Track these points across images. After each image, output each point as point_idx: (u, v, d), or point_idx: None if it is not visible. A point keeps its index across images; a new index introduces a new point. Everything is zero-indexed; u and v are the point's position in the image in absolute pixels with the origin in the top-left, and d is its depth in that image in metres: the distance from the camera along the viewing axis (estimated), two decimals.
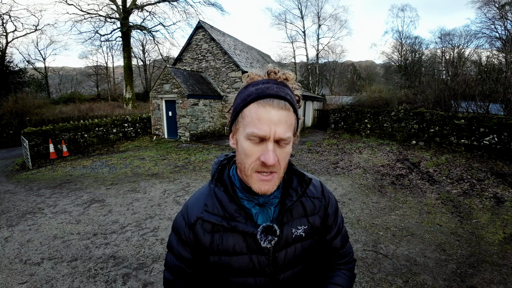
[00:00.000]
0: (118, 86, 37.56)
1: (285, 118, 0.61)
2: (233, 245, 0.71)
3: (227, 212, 0.71)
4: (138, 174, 6.73)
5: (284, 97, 0.62)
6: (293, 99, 0.65)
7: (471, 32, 26.03)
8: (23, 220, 4.15)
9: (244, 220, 0.70)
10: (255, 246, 0.71)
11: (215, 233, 0.72)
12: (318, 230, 0.79)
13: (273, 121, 0.60)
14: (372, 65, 42.76)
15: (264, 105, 0.61)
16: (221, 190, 0.73)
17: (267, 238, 0.68)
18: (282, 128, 0.60)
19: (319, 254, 0.84)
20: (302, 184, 0.77)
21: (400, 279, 2.71)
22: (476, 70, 15.98)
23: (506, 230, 3.70)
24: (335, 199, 0.87)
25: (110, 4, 21.19)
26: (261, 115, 0.60)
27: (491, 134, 7.19)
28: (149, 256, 3.12)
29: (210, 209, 0.72)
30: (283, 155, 0.64)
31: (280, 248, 0.72)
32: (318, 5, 38.64)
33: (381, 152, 8.22)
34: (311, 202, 0.79)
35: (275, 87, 0.63)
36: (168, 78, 11.28)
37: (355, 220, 4.07)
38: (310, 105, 17.32)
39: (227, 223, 0.70)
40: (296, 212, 0.76)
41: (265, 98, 0.61)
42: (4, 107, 14.43)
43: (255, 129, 0.60)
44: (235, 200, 0.71)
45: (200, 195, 0.77)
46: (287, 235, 0.73)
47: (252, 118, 0.61)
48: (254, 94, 0.62)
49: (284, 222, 0.73)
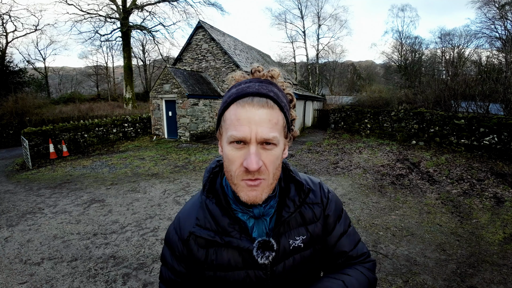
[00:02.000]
0: (118, 86, 37.58)
1: (268, 116, 0.55)
2: (228, 260, 0.66)
3: (220, 226, 0.65)
4: (138, 174, 6.73)
5: (265, 94, 0.56)
6: (279, 96, 0.59)
7: (471, 32, 26.09)
8: (23, 220, 4.15)
9: (238, 235, 0.64)
10: (251, 261, 0.65)
11: (209, 248, 0.67)
12: (319, 238, 0.73)
13: (254, 120, 0.54)
14: (372, 65, 42.77)
15: (243, 104, 0.56)
16: (213, 202, 0.67)
17: (264, 254, 0.63)
18: (264, 128, 0.54)
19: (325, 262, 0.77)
20: (300, 193, 0.70)
21: (400, 279, 2.71)
22: (476, 70, 16.00)
23: (506, 230, 3.70)
24: (336, 197, 0.79)
25: (110, 4, 21.21)
26: (240, 115, 0.55)
27: (491, 134, 7.19)
28: (149, 256, 3.12)
29: (202, 223, 0.67)
30: (270, 159, 0.57)
31: (277, 261, 0.67)
32: (318, 5, 38.77)
33: (381, 152, 8.22)
34: (310, 210, 0.72)
35: (256, 85, 0.58)
36: (168, 78, 11.28)
37: (355, 220, 4.07)
38: (310, 105, 17.32)
39: (220, 238, 0.64)
40: (293, 221, 0.70)
41: (244, 97, 0.56)
42: (4, 107, 14.43)
43: (234, 131, 0.55)
44: (228, 213, 0.66)
45: (192, 207, 0.72)
46: (285, 247, 0.68)
47: (232, 120, 0.56)
48: (234, 95, 0.58)
49: (281, 233, 0.68)
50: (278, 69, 0.65)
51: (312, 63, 33.51)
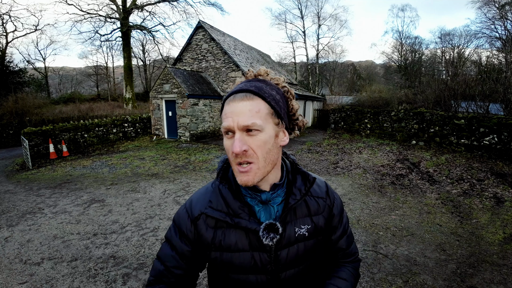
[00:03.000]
0: (118, 86, 37.56)
1: (248, 107, 0.64)
2: (235, 241, 0.72)
3: (231, 208, 0.72)
4: (138, 174, 6.73)
5: (245, 89, 0.66)
6: (261, 89, 0.66)
7: (471, 32, 26.11)
8: (23, 220, 4.15)
9: (247, 217, 0.71)
10: (257, 243, 0.71)
11: (217, 229, 0.73)
12: (322, 230, 0.79)
13: (235, 112, 0.64)
14: (372, 65, 42.77)
15: (229, 102, 0.67)
16: (226, 187, 0.74)
17: (269, 235, 0.69)
18: (244, 117, 0.63)
19: (324, 254, 0.85)
20: (306, 183, 0.77)
21: (400, 279, 2.71)
22: (476, 70, 15.99)
23: (506, 230, 3.70)
24: (340, 199, 0.87)
25: (110, 4, 21.21)
26: (226, 110, 0.66)
27: (491, 134, 7.19)
28: (149, 256, 3.12)
29: (214, 205, 0.73)
30: (256, 143, 0.64)
31: (282, 246, 0.73)
32: (318, 5, 38.78)
33: (381, 152, 8.22)
34: (315, 202, 0.80)
35: (243, 84, 0.68)
36: (168, 78, 11.28)
37: (355, 220, 4.07)
38: (310, 105, 17.32)
39: (231, 219, 0.71)
40: (300, 211, 0.77)
41: (230, 96, 0.68)
42: (4, 107, 14.43)
43: (224, 123, 0.65)
44: (239, 197, 0.73)
45: (205, 191, 0.79)
46: (290, 234, 0.74)
47: (223, 116, 0.67)
48: (226, 96, 0.69)
49: (287, 221, 0.74)
50: (265, 67, 0.74)
51: (312, 63, 33.51)
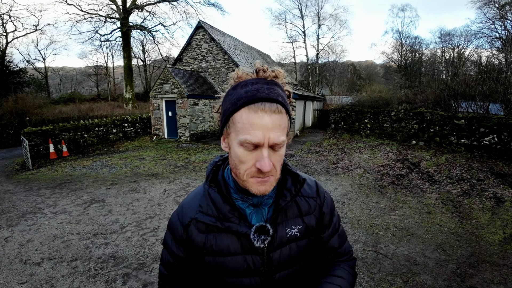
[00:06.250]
0: (118, 86, 37.56)
1: (279, 121, 0.59)
2: (227, 245, 0.71)
3: (221, 213, 0.70)
4: (138, 174, 6.73)
5: (275, 100, 0.59)
6: (284, 99, 0.62)
7: (471, 32, 26.11)
8: (23, 220, 4.15)
9: (237, 221, 0.69)
10: (249, 246, 0.71)
11: (209, 234, 0.72)
12: (314, 229, 0.79)
13: (267, 126, 0.58)
14: (372, 65, 42.78)
15: (255, 110, 0.58)
16: (215, 190, 0.72)
17: (260, 238, 0.68)
18: (276, 133, 0.59)
19: (317, 254, 0.83)
20: (296, 184, 0.76)
21: (400, 279, 2.71)
22: (476, 70, 15.96)
23: (506, 230, 3.70)
24: (330, 198, 0.86)
25: (110, 4, 21.21)
26: (254, 121, 0.58)
27: (491, 134, 7.19)
28: (149, 256, 3.12)
29: (204, 210, 0.72)
30: (277, 159, 0.63)
31: (274, 248, 0.72)
32: (318, 5, 38.82)
33: (381, 152, 8.22)
34: (306, 202, 0.79)
35: (265, 88, 0.60)
36: (168, 78, 11.28)
37: (355, 220, 4.07)
38: (310, 105, 17.31)
39: (221, 223, 0.70)
40: (290, 212, 0.76)
41: (256, 103, 0.58)
42: (4, 107, 14.42)
43: (249, 136, 0.58)
44: (229, 200, 0.71)
45: (195, 195, 0.78)
46: (282, 235, 0.73)
47: (244, 124, 0.58)
48: (244, 98, 0.59)
49: (278, 222, 0.73)
50: (281, 68, 0.67)
51: (312, 63, 33.51)
